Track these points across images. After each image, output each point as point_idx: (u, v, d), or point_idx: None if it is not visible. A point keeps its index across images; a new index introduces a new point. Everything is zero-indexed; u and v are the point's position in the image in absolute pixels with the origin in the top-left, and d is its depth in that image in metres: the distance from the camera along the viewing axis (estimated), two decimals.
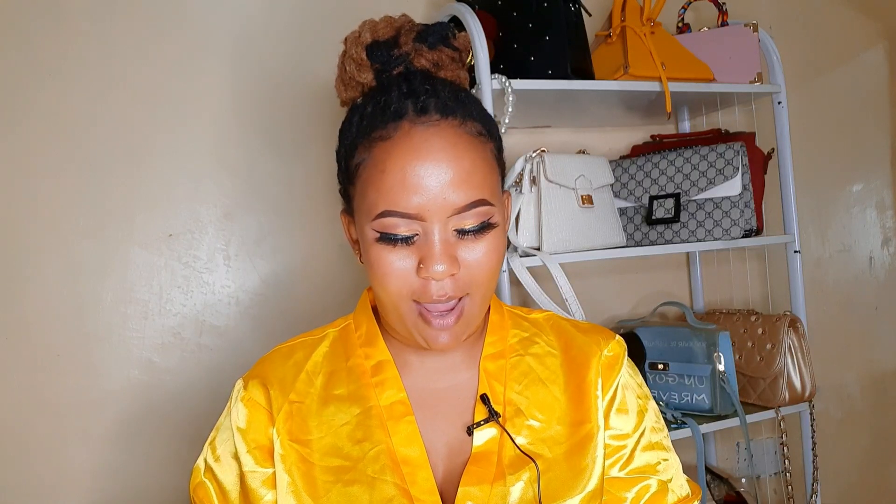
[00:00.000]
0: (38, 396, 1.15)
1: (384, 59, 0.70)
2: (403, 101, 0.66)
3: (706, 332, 1.34)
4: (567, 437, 0.74)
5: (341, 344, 0.78)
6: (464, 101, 0.69)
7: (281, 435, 0.71)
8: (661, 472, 0.76)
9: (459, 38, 0.73)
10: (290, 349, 0.78)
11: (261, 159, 1.30)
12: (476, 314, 0.69)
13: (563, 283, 1.16)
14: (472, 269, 0.66)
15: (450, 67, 0.73)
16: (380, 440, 0.70)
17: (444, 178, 0.63)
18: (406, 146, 0.64)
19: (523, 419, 0.73)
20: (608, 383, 0.77)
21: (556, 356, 0.78)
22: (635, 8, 1.30)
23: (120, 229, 1.21)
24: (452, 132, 0.66)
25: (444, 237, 0.65)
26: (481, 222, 0.66)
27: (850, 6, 1.89)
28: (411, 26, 0.72)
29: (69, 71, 1.18)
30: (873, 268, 1.94)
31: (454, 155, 0.64)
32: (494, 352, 0.77)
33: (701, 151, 1.38)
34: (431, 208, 0.63)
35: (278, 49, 1.31)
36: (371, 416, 0.72)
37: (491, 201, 0.66)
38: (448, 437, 0.73)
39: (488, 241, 0.67)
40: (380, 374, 0.74)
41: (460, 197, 0.64)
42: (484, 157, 0.68)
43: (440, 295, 0.65)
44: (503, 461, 0.71)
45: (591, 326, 0.82)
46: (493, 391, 0.74)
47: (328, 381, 0.75)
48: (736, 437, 1.70)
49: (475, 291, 0.67)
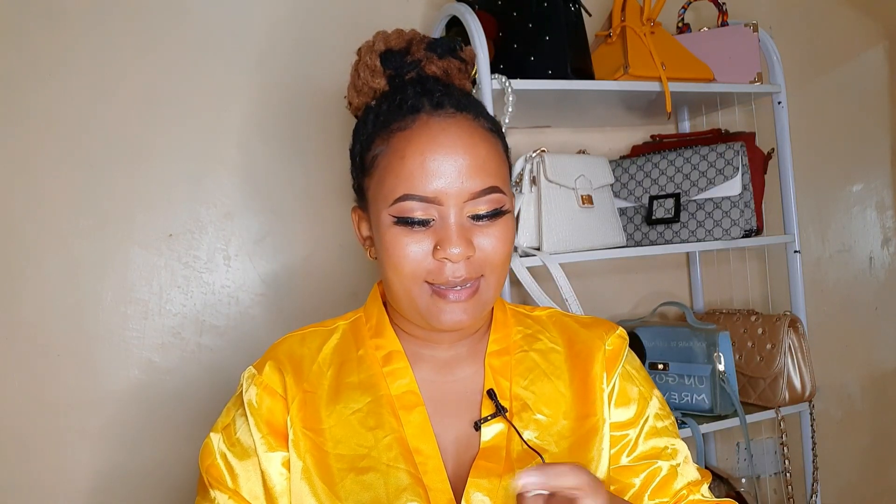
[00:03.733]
0: (38, 396, 1.15)
1: (397, 64, 0.75)
2: (419, 98, 0.71)
3: (706, 332, 1.34)
4: (573, 431, 0.75)
5: (352, 335, 0.79)
6: (475, 102, 0.74)
7: (295, 423, 0.72)
8: (669, 458, 0.77)
9: (466, 51, 0.78)
10: (303, 337, 0.79)
11: (261, 159, 1.30)
12: (489, 298, 0.72)
13: (563, 283, 1.16)
14: (486, 252, 0.69)
15: (457, 77, 0.77)
16: (392, 428, 0.71)
17: (461, 165, 0.67)
18: (426, 135, 0.68)
19: (530, 414, 0.74)
20: (610, 375, 0.78)
21: (560, 352, 0.80)
22: (635, 8, 1.30)
23: (120, 229, 1.21)
24: (468, 124, 0.70)
25: (460, 221, 0.68)
26: (495, 209, 0.69)
27: (850, 6, 1.89)
28: (422, 38, 0.76)
29: (69, 71, 1.18)
30: (873, 268, 1.94)
31: (470, 143, 0.68)
32: (499, 348, 0.78)
33: (701, 151, 1.38)
34: (449, 192, 0.67)
35: (278, 49, 1.31)
36: (382, 405, 0.73)
37: (503, 190, 0.70)
38: (456, 432, 0.73)
39: (501, 227, 0.70)
40: (390, 364, 0.75)
41: (476, 183, 0.68)
42: (497, 150, 0.72)
43: (455, 276, 0.68)
44: (511, 456, 0.72)
45: (593, 320, 0.84)
46: (499, 387, 0.75)
47: (339, 370, 0.76)
48: (736, 437, 1.70)
49: (489, 274, 0.70)
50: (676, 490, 0.76)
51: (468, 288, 0.69)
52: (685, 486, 0.77)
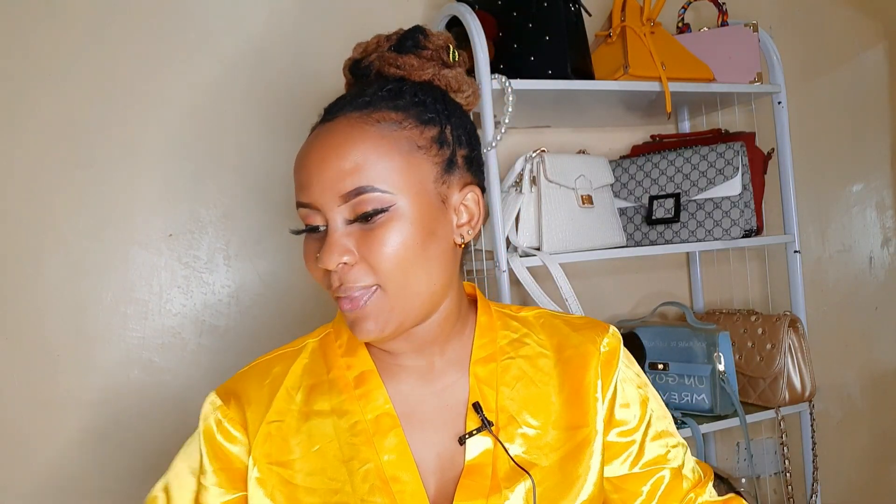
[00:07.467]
0: (38, 396, 1.15)
1: (357, 72, 0.74)
2: (332, 106, 0.70)
3: (706, 332, 1.34)
4: (563, 442, 0.72)
5: (321, 355, 0.75)
6: (397, 95, 0.68)
7: (259, 460, 0.69)
8: (671, 460, 0.76)
9: (432, 38, 0.73)
10: (268, 364, 0.75)
11: (261, 159, 1.30)
12: (395, 309, 0.65)
13: (562, 283, 1.16)
14: (370, 259, 0.63)
15: (424, 68, 0.72)
16: (367, 458, 0.68)
17: (329, 167, 0.64)
18: (305, 145, 0.68)
19: (517, 427, 0.71)
20: (607, 381, 0.75)
21: (549, 357, 0.76)
22: (635, 8, 1.30)
23: (120, 229, 1.21)
24: (346, 123, 0.66)
25: (338, 227, 0.64)
26: (373, 209, 0.63)
27: (850, 6, 1.90)
28: (387, 38, 0.73)
29: (69, 71, 1.18)
30: (873, 268, 1.94)
31: (342, 143, 0.64)
32: (485, 355, 0.74)
33: (701, 151, 1.38)
34: (320, 199, 0.64)
35: (278, 49, 1.31)
36: (357, 433, 0.69)
37: (383, 188, 0.63)
38: (439, 449, 0.70)
39: (385, 230, 0.63)
40: (363, 386, 0.71)
41: (344, 185, 0.63)
42: (387, 148, 0.65)
43: (338, 285, 0.65)
44: (498, 474, 0.69)
45: (584, 322, 0.80)
46: (484, 398, 0.72)
47: (309, 395, 0.72)
48: (736, 437, 1.70)
49: (385, 283, 0.64)
50: (684, 494, 0.76)
51: (356, 297, 0.64)
52: (691, 489, 0.76)
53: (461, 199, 0.70)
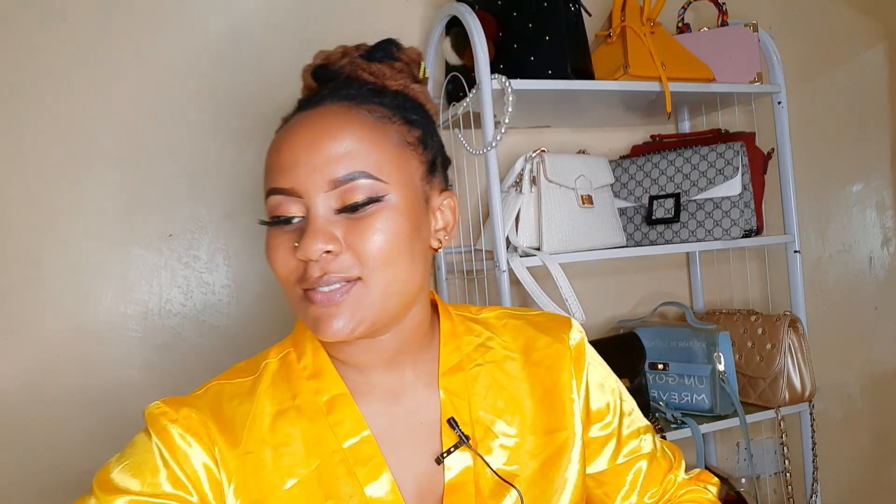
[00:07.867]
0: (38, 396, 1.15)
1: (322, 77, 0.70)
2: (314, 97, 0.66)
3: (706, 332, 1.34)
4: (542, 448, 0.71)
5: (283, 378, 0.68)
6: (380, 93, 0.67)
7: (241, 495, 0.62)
8: (644, 447, 0.78)
9: (406, 51, 0.71)
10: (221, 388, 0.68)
11: (261, 160, 1.29)
12: (374, 305, 0.61)
13: (562, 283, 1.16)
14: (356, 249, 0.59)
15: (396, 79, 0.70)
16: (349, 493, 0.63)
17: (320, 150, 0.60)
18: (292, 126, 0.64)
19: (493, 438, 0.69)
20: (580, 376, 0.74)
21: (516, 359, 0.74)
22: (635, 8, 1.30)
23: (120, 229, 1.21)
24: (336, 109, 0.63)
25: (322, 214, 0.60)
26: (367, 197, 0.60)
27: (850, 6, 1.90)
28: (357, 47, 0.71)
29: (69, 71, 1.18)
30: (873, 268, 1.94)
31: (335, 128, 0.61)
32: (453, 364, 0.71)
33: (701, 151, 1.38)
34: (306, 182, 0.60)
35: (278, 49, 1.31)
36: (334, 465, 0.64)
37: (378, 176, 0.61)
38: (416, 472, 0.66)
39: (377, 219, 0.60)
40: (336, 412, 0.66)
41: (336, 168, 0.60)
42: (381, 137, 0.63)
43: (318, 276, 0.59)
44: (482, 491, 0.66)
45: (546, 318, 0.78)
46: (457, 411, 0.68)
47: (274, 424, 0.65)
48: (736, 437, 1.70)
49: (369, 277, 0.60)
50: (663, 476, 0.78)
51: (336, 289, 0.59)
52: (669, 470, 0.78)
53: (440, 202, 0.69)
